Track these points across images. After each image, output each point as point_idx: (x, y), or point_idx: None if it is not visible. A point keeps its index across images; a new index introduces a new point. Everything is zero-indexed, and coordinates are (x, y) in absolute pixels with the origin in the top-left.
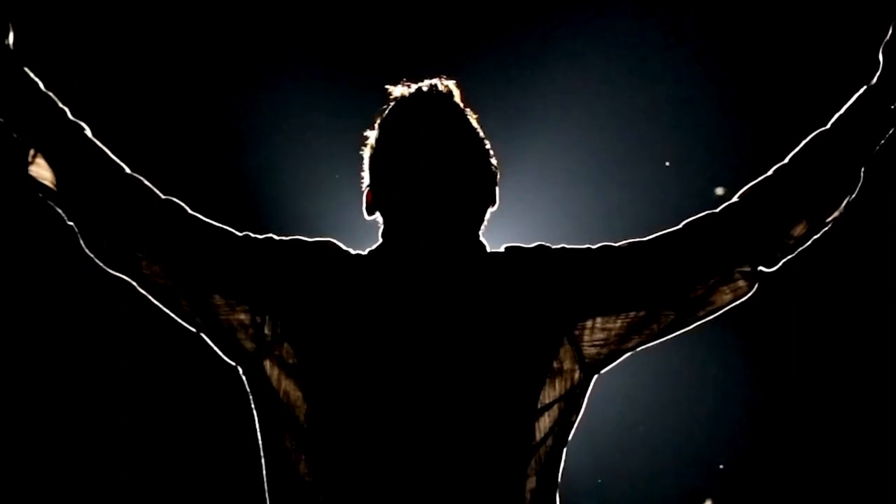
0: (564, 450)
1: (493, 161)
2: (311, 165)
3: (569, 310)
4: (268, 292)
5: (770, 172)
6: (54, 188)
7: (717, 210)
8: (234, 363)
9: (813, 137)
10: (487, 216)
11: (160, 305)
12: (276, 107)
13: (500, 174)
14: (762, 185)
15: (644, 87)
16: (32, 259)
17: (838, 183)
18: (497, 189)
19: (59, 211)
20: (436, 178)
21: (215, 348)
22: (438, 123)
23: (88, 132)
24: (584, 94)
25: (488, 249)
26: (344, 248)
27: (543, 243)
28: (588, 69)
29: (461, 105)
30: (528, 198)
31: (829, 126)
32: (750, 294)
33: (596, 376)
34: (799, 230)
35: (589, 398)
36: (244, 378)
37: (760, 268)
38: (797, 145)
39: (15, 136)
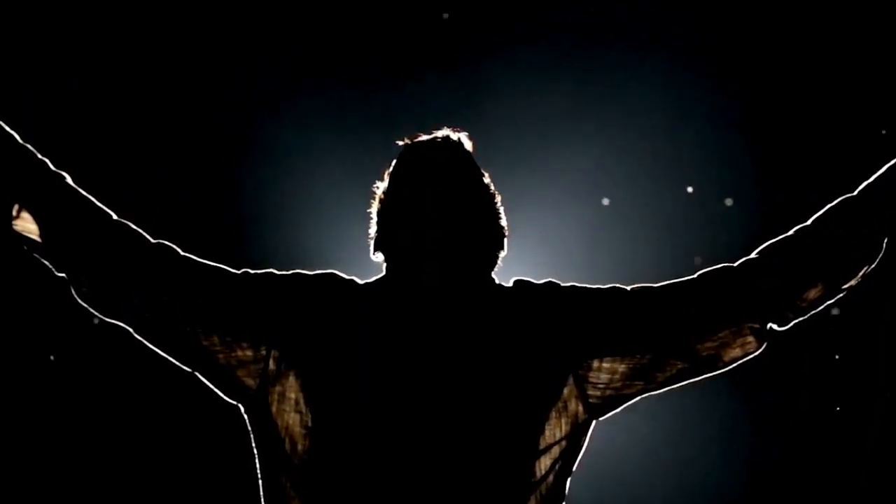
0: (567, 484)
1: (503, 217)
2: (315, 196)
3: (575, 348)
4: (271, 326)
5: (791, 232)
6: (41, 241)
7: (735, 264)
8: (234, 402)
9: (838, 203)
10: (500, 262)
11: (157, 350)
12: (277, 136)
13: (511, 222)
14: (782, 243)
15: (656, 114)
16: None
17: (859, 252)
18: (506, 242)
19: (48, 264)
20: (441, 217)
21: (213, 388)
22: (446, 168)
23: (70, 181)
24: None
25: (497, 282)
26: (346, 277)
27: (553, 280)
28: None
29: (472, 156)
30: (540, 230)
31: (855, 194)
32: (759, 351)
33: (595, 422)
34: (813, 294)
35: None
36: (245, 416)
37: (771, 326)
38: (821, 207)
39: None
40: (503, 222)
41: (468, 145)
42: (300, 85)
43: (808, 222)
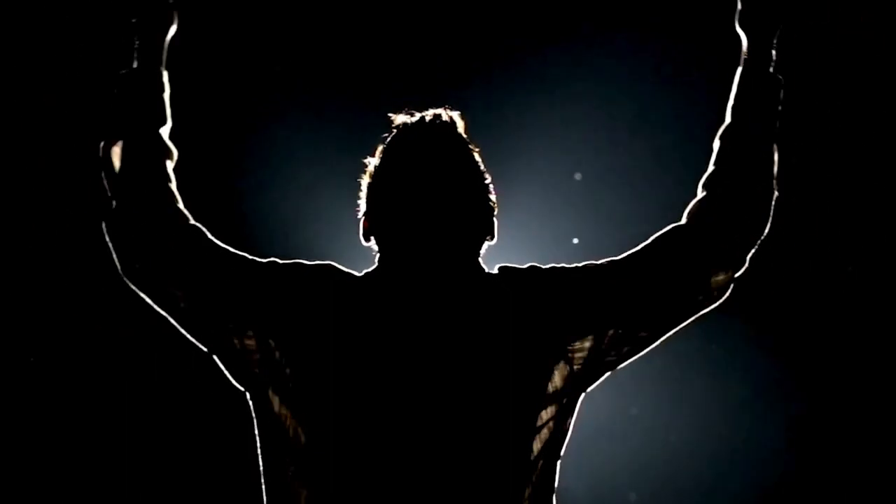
0: (557, 467)
1: (493, 196)
2: (311, 188)
3: (562, 330)
4: (271, 317)
5: (702, 185)
6: (116, 173)
7: (670, 232)
8: (242, 388)
9: (721, 136)
10: (484, 248)
11: (177, 325)
12: (275, 131)
13: (499, 208)
14: (703, 201)
15: (646, 110)
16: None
17: (758, 167)
18: (495, 222)
19: (105, 189)
20: (433, 208)
21: (226, 373)
22: (439, 153)
23: (172, 166)
24: (586, 116)
25: (485, 270)
26: (345, 270)
27: (535, 264)
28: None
29: (464, 136)
30: (528, 218)
31: (729, 120)
32: (722, 299)
33: (583, 395)
34: (750, 221)
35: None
36: (251, 403)
37: (730, 271)
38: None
39: (116, 119)
40: (493, 204)
41: (460, 125)
42: (300, 84)
43: (709, 169)
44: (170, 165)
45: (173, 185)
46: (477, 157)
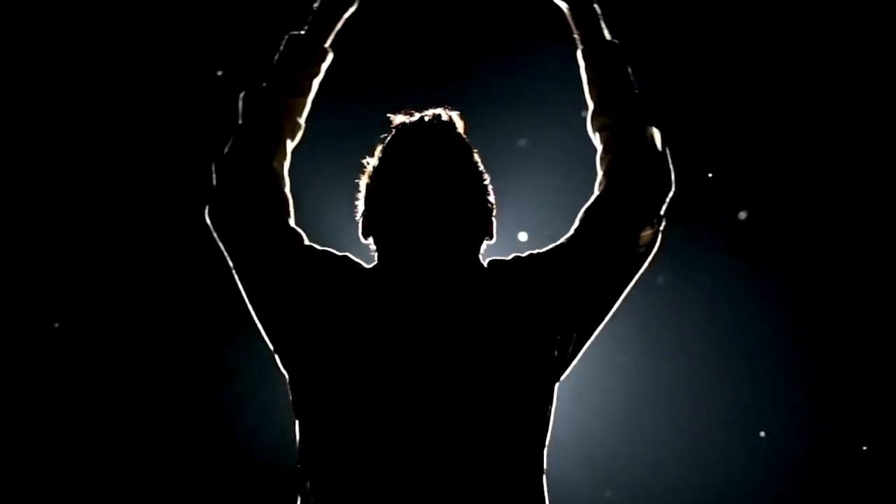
0: (545, 454)
1: (492, 197)
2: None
3: (549, 323)
4: (284, 314)
5: (598, 164)
6: (247, 112)
7: (591, 204)
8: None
9: (591, 123)
10: (483, 247)
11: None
12: None
13: (498, 208)
14: (602, 179)
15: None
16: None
17: (634, 140)
18: (494, 222)
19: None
20: (431, 208)
21: (278, 361)
22: (438, 154)
23: (293, 144)
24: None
25: (483, 265)
26: (359, 266)
27: (518, 255)
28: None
29: (464, 136)
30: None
31: (591, 106)
32: (652, 254)
33: (557, 384)
34: (647, 182)
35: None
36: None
37: (654, 221)
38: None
39: (267, 72)
40: (491, 204)
41: (460, 125)
42: None
43: (598, 151)
44: (290, 144)
45: (287, 162)
46: (476, 157)
